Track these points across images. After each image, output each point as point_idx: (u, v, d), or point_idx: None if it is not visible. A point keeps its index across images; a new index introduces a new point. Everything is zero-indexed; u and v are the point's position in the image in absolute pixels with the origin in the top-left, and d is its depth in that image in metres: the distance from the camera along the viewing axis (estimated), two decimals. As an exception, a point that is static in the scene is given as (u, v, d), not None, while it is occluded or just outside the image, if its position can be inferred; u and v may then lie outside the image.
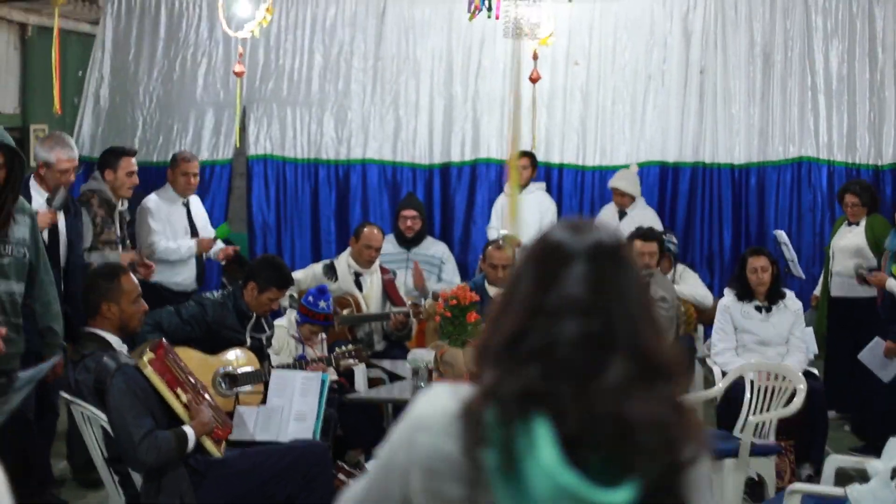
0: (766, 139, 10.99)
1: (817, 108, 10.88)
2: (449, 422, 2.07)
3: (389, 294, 8.97)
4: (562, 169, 11.20)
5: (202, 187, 10.96)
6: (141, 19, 11.00)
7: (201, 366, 6.63)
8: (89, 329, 6.01)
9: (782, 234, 10.10)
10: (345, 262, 9.04)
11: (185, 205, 9.07)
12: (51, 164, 7.44)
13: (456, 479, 2.04)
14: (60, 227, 7.33)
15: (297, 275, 8.88)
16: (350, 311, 8.70)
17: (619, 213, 10.35)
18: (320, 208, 11.27)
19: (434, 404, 2.14)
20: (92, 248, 7.77)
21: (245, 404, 6.72)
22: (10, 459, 6.88)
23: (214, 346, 6.94)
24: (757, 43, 10.97)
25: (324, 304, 7.86)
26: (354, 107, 11.21)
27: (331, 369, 7.32)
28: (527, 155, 10.50)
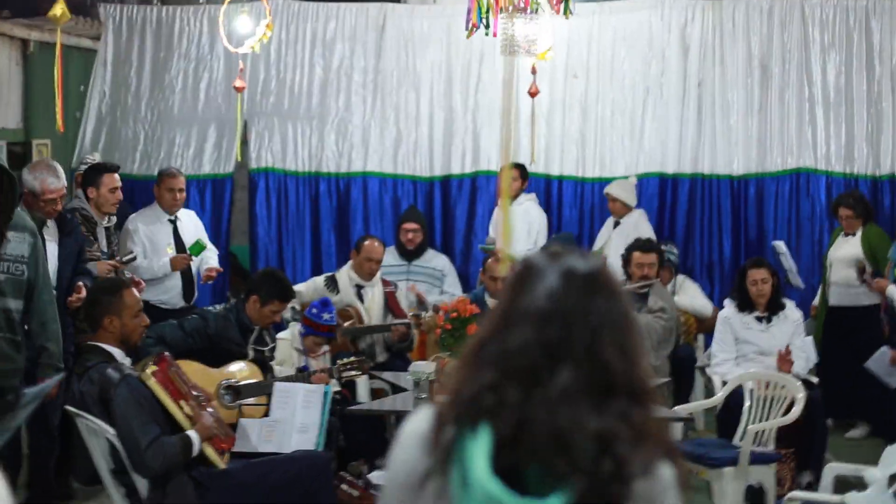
0: (764, 150, 11.01)
1: (815, 119, 10.90)
2: (422, 434, 2.15)
3: (391, 306, 9.02)
4: (561, 181, 11.23)
5: (204, 201, 11.03)
6: (142, 34, 11.04)
7: (204, 378, 6.67)
8: (92, 342, 6.06)
9: (781, 245, 10.15)
10: (346, 274, 9.09)
11: (172, 221, 9.03)
12: (36, 193, 7.21)
13: (424, 488, 2.11)
14: (52, 248, 7.19)
15: (299, 288, 8.94)
16: (352, 323, 8.75)
17: (614, 223, 10.42)
18: (321, 221, 11.30)
19: (413, 423, 2.23)
20: (75, 270, 7.48)
21: (248, 416, 6.77)
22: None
23: (217, 359, 6.99)
24: (755, 55, 11.00)
25: (328, 317, 7.91)
26: (355, 120, 11.24)
27: (333, 381, 7.37)
28: (516, 167, 10.59)
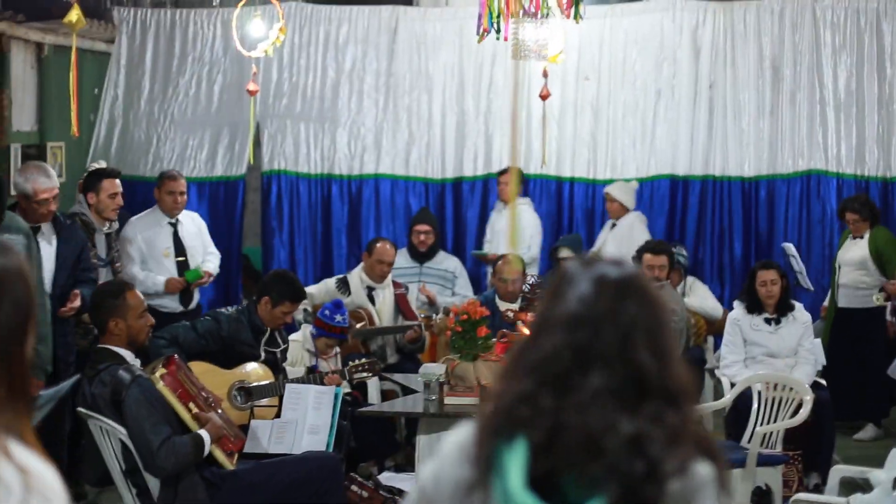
0: (775, 152, 11.03)
1: (826, 121, 10.92)
2: (466, 447, 2.18)
3: (402, 308, 9.07)
4: (573, 183, 11.26)
5: (216, 203, 11.09)
6: (156, 38, 11.10)
7: (217, 380, 6.73)
8: (102, 345, 6.10)
9: (790, 247, 10.18)
10: (357, 276, 9.13)
11: (173, 224, 8.90)
12: (29, 196, 7.16)
13: (468, 500, 2.14)
14: (47, 252, 7.20)
15: (310, 289, 8.99)
16: (363, 324, 8.79)
17: (611, 226, 10.49)
18: (333, 223, 11.35)
19: (455, 436, 2.26)
20: (76, 278, 7.43)
21: (260, 418, 6.82)
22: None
23: (229, 361, 7.04)
24: (766, 57, 11.02)
25: (340, 318, 7.96)
26: (367, 122, 11.29)
27: (344, 382, 7.42)
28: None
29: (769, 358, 8.13)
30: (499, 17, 7.13)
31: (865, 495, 5.00)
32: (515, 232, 6.00)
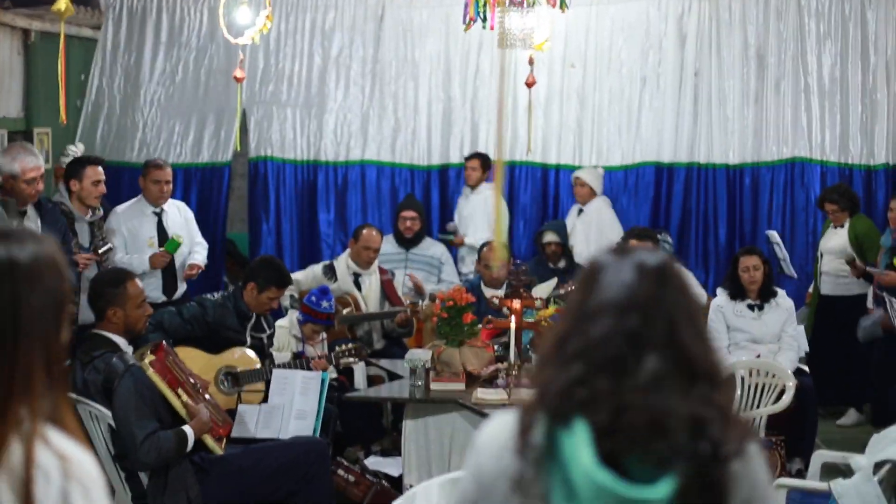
0: (760, 140, 11.08)
1: (810, 109, 10.97)
2: (506, 438, 2.22)
3: (388, 294, 9.10)
4: (558, 169, 11.30)
5: (202, 189, 11.10)
6: (142, 24, 11.10)
7: (204, 365, 6.77)
8: (98, 331, 6.13)
9: (774, 234, 10.24)
10: (344, 262, 9.16)
11: (157, 213, 8.83)
12: (16, 175, 7.22)
13: (515, 490, 2.17)
14: None
15: (297, 275, 9.02)
16: (350, 310, 8.83)
17: (578, 211, 10.55)
18: (319, 209, 11.39)
19: (491, 429, 2.31)
20: None
21: (247, 403, 6.86)
22: None
23: (216, 346, 7.08)
24: (751, 45, 11.06)
25: (326, 304, 8.00)
26: (353, 109, 11.32)
27: (331, 367, 7.46)
28: (478, 156, 10.71)
29: (753, 344, 8.18)
30: (485, 5, 7.16)
31: (846, 480, 5.05)
32: (500, 220, 6.01)
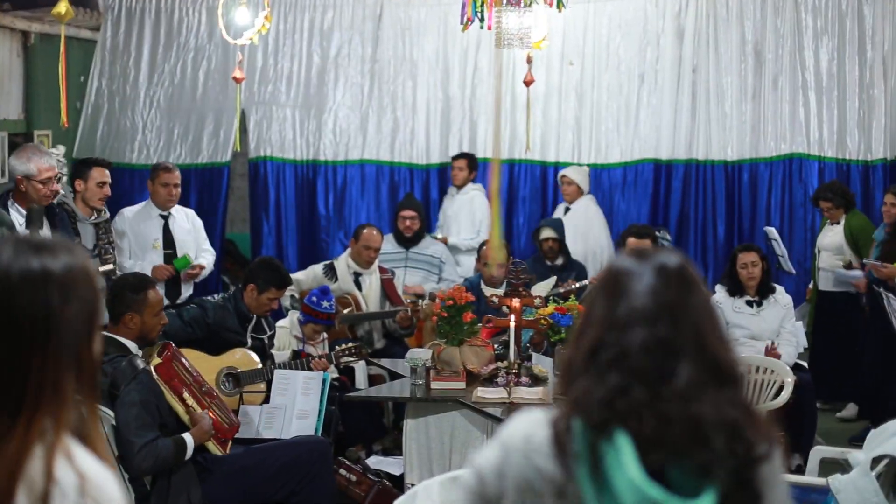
0: (757, 136, 11.11)
1: (808, 105, 11.00)
2: (538, 440, 2.23)
3: (388, 293, 9.12)
4: (557, 167, 11.32)
5: (201, 190, 11.11)
6: (141, 25, 11.12)
7: (205, 367, 6.79)
8: (110, 334, 6.10)
9: (772, 231, 10.25)
10: (344, 262, 9.18)
11: (164, 217, 8.78)
12: (32, 176, 7.21)
13: (548, 494, 2.19)
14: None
15: (297, 276, 9.05)
16: (350, 310, 8.85)
17: (565, 210, 10.57)
18: (319, 209, 11.41)
19: (522, 427, 2.30)
20: None
21: (248, 403, 6.89)
22: None
23: (216, 348, 7.10)
24: (748, 41, 11.09)
25: (327, 304, 8.02)
26: (352, 108, 11.35)
27: (332, 367, 7.48)
28: (464, 157, 10.75)
29: (752, 340, 8.20)
30: (482, 5, 7.18)
31: (844, 475, 5.07)
32: (497, 222, 6.02)
